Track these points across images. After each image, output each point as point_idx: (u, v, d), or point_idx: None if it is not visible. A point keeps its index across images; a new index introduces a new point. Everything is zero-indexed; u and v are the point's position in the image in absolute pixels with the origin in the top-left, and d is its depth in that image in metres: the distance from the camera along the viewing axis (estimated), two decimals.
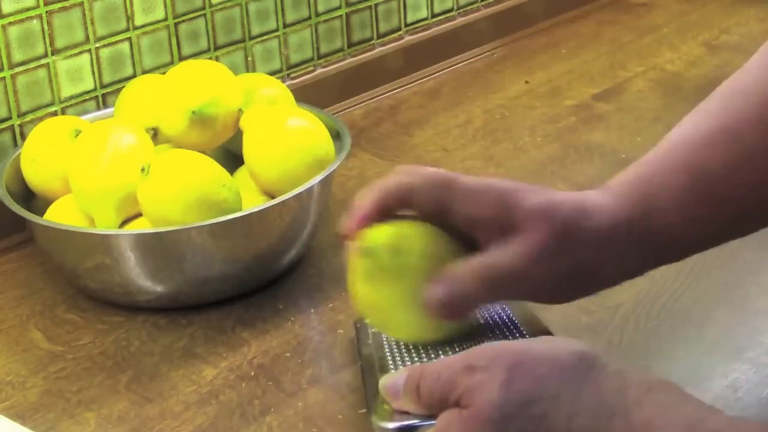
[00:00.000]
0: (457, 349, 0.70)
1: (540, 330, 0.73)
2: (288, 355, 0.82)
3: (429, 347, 0.71)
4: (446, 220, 0.69)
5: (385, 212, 0.69)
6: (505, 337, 0.72)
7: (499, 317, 0.75)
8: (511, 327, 0.73)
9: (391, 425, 0.65)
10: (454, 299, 0.67)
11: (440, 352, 0.70)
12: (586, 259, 0.68)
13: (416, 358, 0.70)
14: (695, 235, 0.71)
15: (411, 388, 0.64)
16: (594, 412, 0.59)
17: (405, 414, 0.65)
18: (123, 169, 0.87)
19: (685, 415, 0.58)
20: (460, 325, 0.71)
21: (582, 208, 0.68)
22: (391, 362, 0.71)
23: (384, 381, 0.67)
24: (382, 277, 0.68)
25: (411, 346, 0.72)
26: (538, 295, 0.70)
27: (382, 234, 0.68)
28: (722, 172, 0.69)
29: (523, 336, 0.72)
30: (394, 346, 0.73)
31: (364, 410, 0.74)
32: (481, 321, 0.74)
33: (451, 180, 0.68)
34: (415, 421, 0.64)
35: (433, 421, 0.63)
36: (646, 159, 0.71)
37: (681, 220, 0.69)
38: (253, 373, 0.80)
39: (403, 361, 0.70)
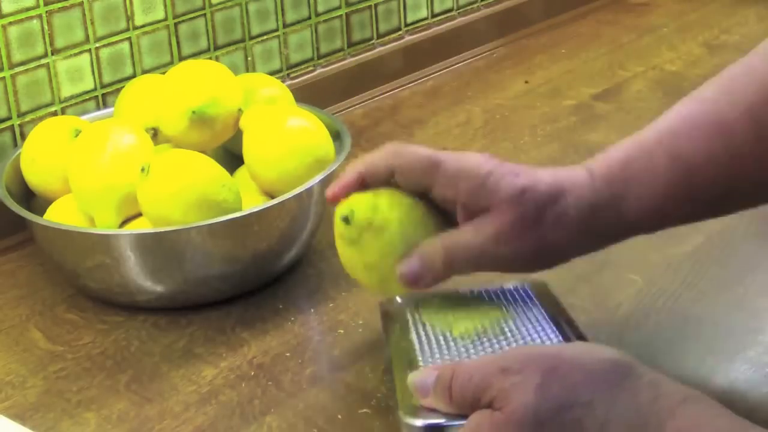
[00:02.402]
0: (487, 347, 0.71)
1: (554, 305, 0.76)
2: (288, 355, 0.82)
3: (459, 344, 0.71)
4: (428, 196, 0.73)
5: (367, 186, 0.74)
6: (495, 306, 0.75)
7: (511, 293, 0.77)
8: (524, 300, 0.76)
9: (420, 422, 0.65)
10: (423, 276, 0.72)
11: (471, 350, 0.70)
12: (553, 238, 0.71)
13: (446, 353, 0.70)
14: (663, 219, 0.73)
15: (443, 387, 0.64)
16: (628, 421, 0.59)
17: (433, 411, 0.65)
18: (123, 169, 0.87)
19: (720, 428, 0.58)
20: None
21: (557, 190, 0.71)
22: (420, 357, 0.70)
23: (413, 377, 0.67)
24: (358, 242, 0.73)
25: (442, 340, 0.72)
26: (501, 268, 0.73)
27: (359, 202, 0.73)
28: (703, 163, 0.70)
29: (529, 307, 0.75)
30: (423, 336, 0.73)
31: (365, 410, 0.74)
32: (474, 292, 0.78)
33: (435, 164, 0.72)
34: (443, 420, 0.64)
35: (461, 422, 0.63)
36: (632, 142, 0.73)
37: (653, 205, 0.71)
38: (253, 373, 0.80)
39: (432, 356, 0.70)
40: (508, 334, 0.71)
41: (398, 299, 0.78)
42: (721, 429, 0.58)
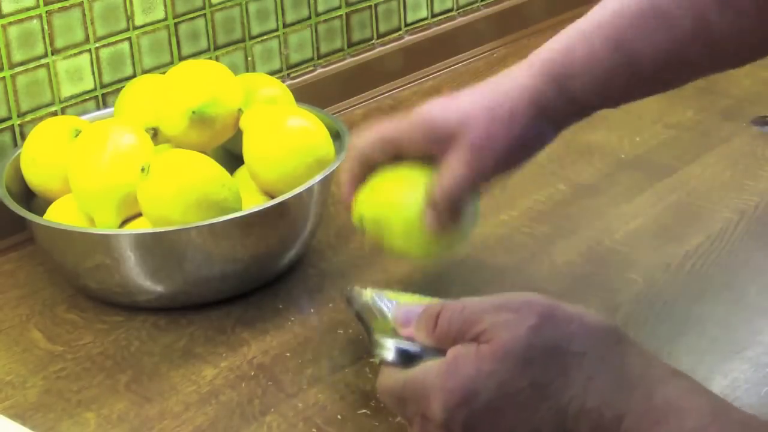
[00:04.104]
0: None
1: None
2: (288, 355, 0.82)
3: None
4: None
5: (366, 174, 0.79)
6: None
7: None
8: None
9: (391, 343, 0.64)
10: (443, 214, 0.74)
11: None
12: (520, 132, 0.78)
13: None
14: (608, 100, 0.78)
15: (428, 317, 0.63)
16: (615, 379, 0.59)
17: (410, 340, 0.64)
18: (123, 169, 0.87)
19: (711, 402, 0.58)
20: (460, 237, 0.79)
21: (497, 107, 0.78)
22: (389, 313, 0.70)
23: (397, 310, 0.66)
24: (383, 227, 0.77)
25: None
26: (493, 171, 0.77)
27: (364, 206, 0.78)
28: (646, 50, 0.73)
29: None
30: (390, 304, 0.72)
31: (364, 410, 0.74)
32: None
33: (395, 133, 0.78)
34: (418, 348, 0.63)
35: (437, 355, 0.61)
36: (572, 32, 0.78)
37: (598, 90, 0.76)
38: (253, 373, 0.80)
39: None
40: None
41: (367, 289, 0.78)
42: (713, 402, 0.59)
